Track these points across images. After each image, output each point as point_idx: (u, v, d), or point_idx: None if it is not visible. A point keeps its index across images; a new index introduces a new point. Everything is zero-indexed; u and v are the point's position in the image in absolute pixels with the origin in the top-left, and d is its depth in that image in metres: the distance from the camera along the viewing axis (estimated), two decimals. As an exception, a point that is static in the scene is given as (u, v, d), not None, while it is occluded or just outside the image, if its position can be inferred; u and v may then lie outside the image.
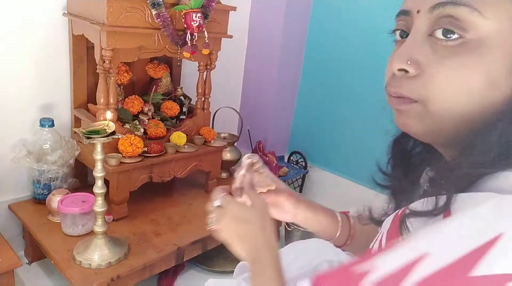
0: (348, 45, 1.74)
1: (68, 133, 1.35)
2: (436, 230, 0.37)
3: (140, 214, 1.28)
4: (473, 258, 0.33)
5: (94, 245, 1.04)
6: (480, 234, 0.34)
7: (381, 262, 0.38)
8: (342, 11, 1.75)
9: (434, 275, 0.34)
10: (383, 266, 0.38)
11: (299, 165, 1.99)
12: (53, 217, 1.20)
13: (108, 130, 0.92)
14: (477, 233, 0.35)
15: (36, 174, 1.23)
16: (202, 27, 1.17)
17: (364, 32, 1.66)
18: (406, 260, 0.36)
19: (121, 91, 1.34)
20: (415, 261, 0.36)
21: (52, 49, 1.25)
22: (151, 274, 1.12)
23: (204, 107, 1.42)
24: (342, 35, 1.76)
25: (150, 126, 1.29)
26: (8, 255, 1.04)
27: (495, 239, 0.33)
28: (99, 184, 0.98)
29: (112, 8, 1.04)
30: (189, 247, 1.18)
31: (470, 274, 0.33)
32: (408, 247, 0.38)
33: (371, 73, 1.65)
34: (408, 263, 0.36)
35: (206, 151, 1.39)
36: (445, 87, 0.41)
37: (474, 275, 0.33)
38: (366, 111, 1.71)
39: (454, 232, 0.36)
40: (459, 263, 0.34)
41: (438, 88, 0.42)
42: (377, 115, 1.81)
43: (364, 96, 1.71)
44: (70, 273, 0.99)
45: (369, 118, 1.70)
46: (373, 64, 1.63)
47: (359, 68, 1.71)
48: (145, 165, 1.22)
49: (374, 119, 1.68)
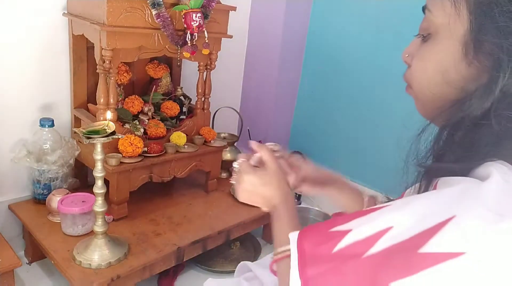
0: (348, 45, 1.74)
1: (68, 133, 1.35)
2: (404, 205, 0.42)
3: (140, 214, 1.28)
4: (426, 236, 0.37)
5: (94, 245, 1.04)
6: (437, 214, 0.38)
7: (356, 227, 0.43)
8: (342, 11, 1.75)
9: (392, 248, 0.38)
10: (357, 231, 0.42)
11: (299, 165, 1.99)
12: (53, 217, 1.20)
13: (108, 130, 0.92)
14: (435, 213, 0.38)
15: (36, 174, 1.23)
16: (202, 27, 1.17)
17: (364, 32, 1.66)
18: (375, 231, 0.41)
19: (121, 91, 1.34)
20: (382, 232, 0.40)
21: (52, 49, 1.25)
22: (151, 274, 1.11)
23: (204, 107, 1.42)
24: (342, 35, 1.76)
25: (150, 126, 1.29)
26: (8, 255, 1.04)
27: (447, 220, 0.37)
28: (99, 184, 0.98)
29: (112, 8, 1.04)
30: (189, 247, 1.18)
31: (420, 250, 0.36)
32: (380, 218, 0.42)
33: (371, 73, 1.65)
34: (376, 233, 0.40)
35: (206, 151, 1.39)
36: (417, 74, 0.51)
37: (423, 252, 0.36)
38: (366, 111, 1.71)
39: (417, 210, 0.40)
40: (414, 239, 0.38)
41: (413, 75, 0.52)
42: (377, 115, 1.83)
43: (364, 96, 1.71)
44: (70, 273, 0.99)
45: (369, 118, 1.70)
46: (373, 64, 1.63)
47: (359, 68, 1.70)
48: (145, 165, 1.22)
49: (374, 119, 1.68)
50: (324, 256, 0.43)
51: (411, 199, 0.43)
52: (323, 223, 0.48)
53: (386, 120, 1.62)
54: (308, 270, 0.43)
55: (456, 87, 0.47)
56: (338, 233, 0.44)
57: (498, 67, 0.43)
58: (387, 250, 0.39)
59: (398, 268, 0.37)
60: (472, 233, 0.35)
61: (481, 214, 0.36)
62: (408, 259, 0.37)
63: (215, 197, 1.46)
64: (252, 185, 0.65)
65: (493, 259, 0.34)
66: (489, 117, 0.43)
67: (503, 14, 0.42)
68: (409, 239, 0.38)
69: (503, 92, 0.43)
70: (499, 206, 0.36)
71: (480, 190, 0.38)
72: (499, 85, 0.42)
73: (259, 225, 1.44)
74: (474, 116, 0.44)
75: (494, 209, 0.36)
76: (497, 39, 0.42)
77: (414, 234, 0.38)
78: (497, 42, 0.42)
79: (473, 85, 0.46)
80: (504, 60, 0.42)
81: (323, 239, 0.45)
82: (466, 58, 0.46)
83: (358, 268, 0.40)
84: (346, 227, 0.44)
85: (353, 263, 0.40)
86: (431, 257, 0.36)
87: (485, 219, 0.35)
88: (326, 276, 0.42)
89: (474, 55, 0.45)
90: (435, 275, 0.35)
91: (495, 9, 0.42)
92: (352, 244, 0.42)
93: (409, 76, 0.53)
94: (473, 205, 0.37)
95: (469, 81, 0.46)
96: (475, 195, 0.38)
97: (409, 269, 0.36)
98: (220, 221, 1.30)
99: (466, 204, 0.38)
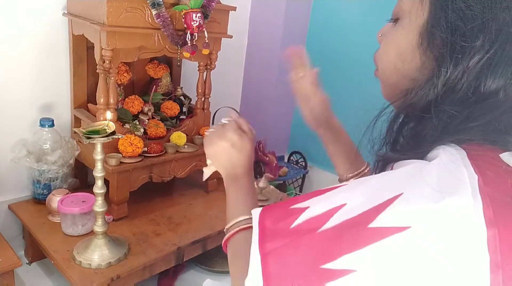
0: (348, 45, 1.74)
1: (68, 133, 1.35)
2: (358, 184, 0.44)
3: (140, 214, 1.28)
4: (375, 212, 0.39)
5: (94, 245, 1.04)
6: (387, 191, 0.40)
7: (314, 204, 0.45)
8: (342, 11, 1.75)
9: (343, 223, 0.40)
10: (314, 208, 0.44)
11: (299, 165, 1.99)
12: (53, 217, 1.20)
13: (108, 130, 0.92)
14: (385, 190, 0.41)
15: (36, 174, 1.23)
16: (202, 27, 1.17)
17: (364, 32, 1.66)
18: (330, 207, 0.43)
19: (121, 91, 1.34)
20: (336, 209, 0.42)
21: (52, 49, 1.25)
22: (151, 274, 1.12)
23: (204, 107, 1.42)
24: (342, 35, 1.76)
25: (150, 126, 1.29)
26: (8, 255, 1.04)
27: (396, 197, 0.39)
28: (99, 184, 0.98)
29: (112, 8, 1.04)
30: (189, 247, 1.18)
31: (370, 225, 0.38)
32: (336, 196, 0.44)
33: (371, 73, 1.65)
34: (331, 210, 0.42)
35: (206, 151, 1.38)
36: (381, 55, 0.54)
37: (372, 226, 0.38)
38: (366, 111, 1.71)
39: (370, 188, 0.43)
40: (365, 215, 0.40)
41: (378, 56, 0.55)
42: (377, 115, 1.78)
43: (364, 96, 1.71)
44: (70, 273, 0.99)
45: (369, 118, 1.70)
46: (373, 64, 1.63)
47: (359, 68, 1.70)
48: (145, 165, 1.22)
49: (374, 119, 1.68)
50: (283, 231, 0.45)
51: (366, 178, 0.45)
52: (285, 201, 0.50)
53: (386, 120, 1.61)
54: (267, 245, 0.45)
55: (409, 76, 0.49)
56: (297, 210, 0.46)
57: (441, 62, 0.44)
58: (339, 225, 0.41)
59: (349, 242, 0.39)
60: (416, 209, 0.38)
61: (425, 192, 0.38)
62: (358, 233, 0.39)
63: (215, 197, 1.46)
64: (229, 144, 0.67)
65: (434, 233, 0.37)
66: (430, 110, 0.45)
67: (455, 11, 0.43)
68: (360, 215, 0.40)
69: (447, 87, 0.44)
70: (442, 184, 0.38)
71: (426, 169, 0.41)
72: (441, 80, 0.44)
73: (259, 225, 1.44)
74: (420, 107, 0.46)
75: (437, 188, 0.38)
76: (444, 34, 0.44)
77: (365, 210, 0.40)
78: (444, 37, 0.44)
79: (424, 76, 0.47)
80: (446, 56, 0.44)
81: (283, 215, 0.47)
82: (421, 48, 0.47)
83: (312, 242, 0.42)
84: (304, 204, 0.46)
85: (308, 237, 0.42)
86: (379, 231, 0.38)
87: (429, 196, 0.38)
88: (283, 250, 0.43)
89: (427, 46, 0.46)
90: (383, 248, 0.37)
91: (450, 5, 0.43)
92: (308, 220, 0.44)
93: (377, 56, 0.55)
94: (418, 183, 0.39)
95: (420, 72, 0.47)
96: (421, 174, 0.40)
97: (358, 243, 0.38)
98: (220, 221, 1.30)
99: (412, 182, 0.40)
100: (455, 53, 0.43)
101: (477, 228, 0.36)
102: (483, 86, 0.43)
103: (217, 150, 0.69)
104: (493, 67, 0.43)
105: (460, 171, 0.39)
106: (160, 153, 1.25)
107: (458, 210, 0.37)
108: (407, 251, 0.37)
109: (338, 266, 0.39)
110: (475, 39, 0.43)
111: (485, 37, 0.42)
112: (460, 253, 0.36)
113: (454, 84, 0.44)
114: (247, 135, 0.69)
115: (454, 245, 0.36)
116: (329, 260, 0.39)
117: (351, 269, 0.38)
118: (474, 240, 0.36)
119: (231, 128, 0.68)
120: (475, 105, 0.43)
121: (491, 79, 0.43)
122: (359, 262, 0.38)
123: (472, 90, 0.43)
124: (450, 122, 0.44)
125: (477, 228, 0.36)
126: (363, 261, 0.38)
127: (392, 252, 0.37)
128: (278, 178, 1.84)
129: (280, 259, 0.43)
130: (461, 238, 0.36)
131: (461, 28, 0.43)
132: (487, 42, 0.42)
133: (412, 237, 0.37)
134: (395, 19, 0.52)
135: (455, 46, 0.43)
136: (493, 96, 0.43)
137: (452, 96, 0.44)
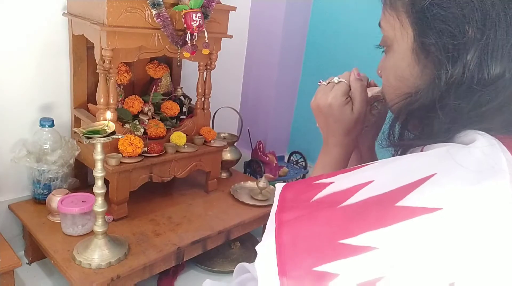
0: (348, 45, 1.74)
1: (68, 133, 1.35)
2: (387, 163, 0.44)
3: (140, 214, 1.28)
4: (405, 191, 0.38)
5: (94, 245, 1.04)
6: (418, 171, 0.40)
7: (339, 180, 0.45)
8: (342, 11, 1.75)
9: (368, 200, 0.40)
10: (338, 183, 0.44)
11: (299, 165, 1.99)
12: (53, 217, 1.20)
13: (108, 130, 0.92)
14: (417, 170, 0.40)
15: (36, 174, 1.23)
16: (202, 27, 1.17)
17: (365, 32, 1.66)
18: (355, 183, 0.42)
19: (121, 91, 1.34)
20: (361, 185, 0.42)
21: (52, 49, 1.25)
22: (151, 274, 1.12)
23: (204, 107, 1.42)
24: (342, 35, 1.76)
25: (150, 126, 1.29)
26: (8, 255, 1.04)
27: (428, 177, 0.38)
28: (99, 184, 0.98)
29: (112, 8, 1.04)
30: (189, 247, 1.18)
31: (397, 204, 0.38)
32: (363, 173, 0.44)
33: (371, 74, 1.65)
34: (356, 186, 0.42)
35: (206, 151, 1.39)
36: (384, 86, 0.57)
37: (400, 205, 0.38)
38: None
39: (400, 167, 0.42)
40: (392, 193, 0.39)
41: (385, 90, 0.57)
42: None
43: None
44: (70, 273, 0.99)
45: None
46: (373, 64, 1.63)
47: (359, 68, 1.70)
48: (145, 165, 1.22)
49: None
50: (303, 203, 0.44)
51: (396, 158, 0.45)
52: (311, 177, 0.49)
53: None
54: (284, 215, 0.44)
55: (411, 86, 0.51)
56: (321, 185, 0.45)
57: (439, 65, 0.46)
58: (363, 201, 0.40)
59: (373, 219, 0.38)
60: (450, 191, 0.37)
61: (461, 174, 0.38)
62: (384, 211, 0.38)
63: (215, 197, 1.46)
64: (327, 110, 0.65)
65: (469, 216, 0.36)
66: (435, 108, 0.46)
67: (435, 18, 0.45)
68: (387, 193, 0.39)
69: (450, 84, 0.45)
70: (479, 167, 0.38)
71: (462, 152, 0.40)
72: (443, 80, 0.45)
73: (259, 225, 1.44)
74: (425, 106, 0.48)
75: (474, 171, 0.37)
76: (434, 39, 0.46)
77: (393, 189, 0.39)
78: (434, 42, 0.46)
79: (425, 82, 0.49)
80: (442, 57, 0.46)
81: (306, 189, 0.46)
82: (419, 63, 0.49)
83: (332, 216, 0.41)
84: (329, 180, 0.45)
85: (327, 211, 0.41)
86: (407, 210, 0.37)
87: (464, 178, 0.37)
88: (300, 221, 0.43)
89: (424, 58, 0.48)
90: (409, 228, 0.37)
91: (428, 15, 0.46)
92: (331, 194, 0.43)
93: (384, 90, 0.58)
94: (454, 165, 0.39)
95: (421, 80, 0.49)
96: (457, 156, 0.40)
97: (384, 220, 0.38)
98: (220, 221, 1.30)
99: (447, 163, 0.39)
100: (449, 52, 0.45)
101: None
102: (487, 73, 0.44)
103: (321, 108, 0.67)
104: (491, 52, 0.43)
105: (498, 156, 0.39)
106: (160, 153, 1.25)
107: (495, 193, 0.36)
108: (435, 232, 0.36)
109: (358, 242, 0.38)
110: (464, 33, 0.44)
111: (473, 28, 0.43)
112: (496, 238, 0.35)
113: (457, 81, 0.45)
114: (355, 105, 0.65)
115: (489, 229, 0.36)
116: (350, 235, 0.38)
117: (373, 246, 0.37)
118: (511, 226, 0.36)
119: (338, 91, 0.65)
120: (483, 90, 0.44)
121: (492, 64, 0.43)
122: (382, 240, 0.37)
123: (476, 80, 0.44)
124: (459, 111, 0.44)
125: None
126: (387, 239, 0.37)
127: (419, 233, 0.36)
128: (278, 178, 1.84)
129: (295, 230, 0.42)
130: (498, 222, 0.36)
131: (447, 30, 0.45)
132: (477, 32, 0.43)
133: (443, 219, 0.36)
134: (385, 47, 0.55)
135: (447, 47, 0.45)
136: (499, 78, 0.44)
137: (456, 89, 0.45)
